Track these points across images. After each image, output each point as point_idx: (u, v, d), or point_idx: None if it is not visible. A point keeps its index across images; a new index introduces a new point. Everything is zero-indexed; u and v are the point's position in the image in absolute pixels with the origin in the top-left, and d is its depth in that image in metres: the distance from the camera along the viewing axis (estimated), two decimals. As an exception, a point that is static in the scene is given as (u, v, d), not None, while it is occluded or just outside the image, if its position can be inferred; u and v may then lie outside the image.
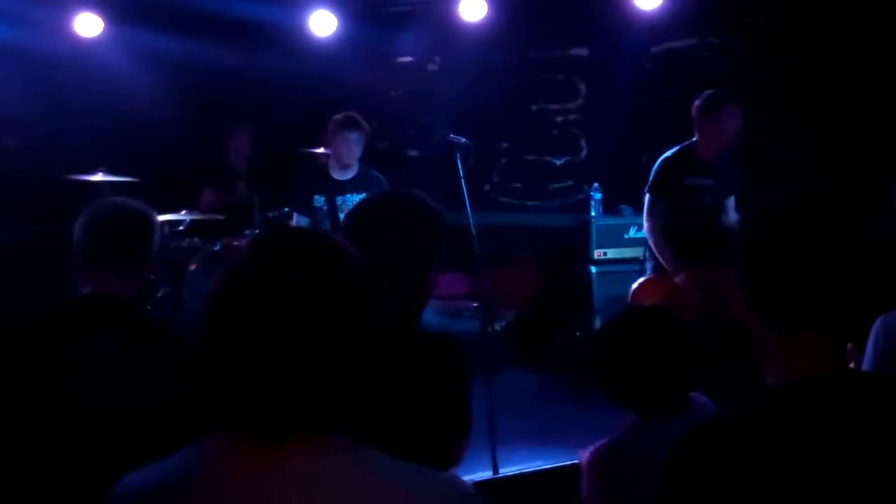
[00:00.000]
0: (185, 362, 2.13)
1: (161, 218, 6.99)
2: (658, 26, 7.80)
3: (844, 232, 1.75)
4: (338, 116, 6.50)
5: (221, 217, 7.23)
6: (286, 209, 6.95)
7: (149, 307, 6.96)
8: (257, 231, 6.90)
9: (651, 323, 2.67)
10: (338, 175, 6.65)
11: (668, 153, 6.02)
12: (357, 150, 6.52)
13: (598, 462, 2.66)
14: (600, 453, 2.66)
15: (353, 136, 6.47)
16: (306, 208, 6.61)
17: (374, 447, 1.54)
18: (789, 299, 1.73)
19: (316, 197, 6.57)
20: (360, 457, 1.52)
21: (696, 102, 5.92)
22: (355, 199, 6.39)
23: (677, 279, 5.84)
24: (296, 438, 1.47)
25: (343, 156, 6.52)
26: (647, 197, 6.02)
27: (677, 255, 5.89)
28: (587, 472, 2.68)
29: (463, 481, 1.62)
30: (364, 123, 6.54)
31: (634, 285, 6.15)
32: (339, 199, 6.53)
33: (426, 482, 1.54)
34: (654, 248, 6.02)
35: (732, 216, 6.10)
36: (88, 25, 7.30)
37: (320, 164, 6.72)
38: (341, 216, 6.34)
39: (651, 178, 6.02)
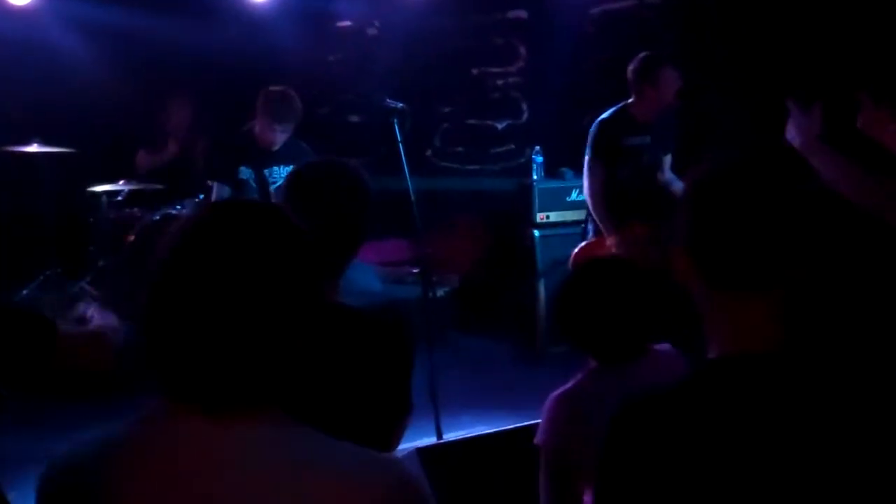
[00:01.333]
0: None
1: (99, 188, 6.97)
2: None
3: (784, 193, 1.76)
4: (268, 100, 6.10)
5: (160, 186, 7.17)
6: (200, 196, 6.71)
7: (88, 279, 6.92)
8: (197, 199, 6.81)
9: (611, 272, 2.78)
10: (265, 146, 6.29)
11: (604, 115, 6.06)
12: (284, 138, 6.18)
13: (556, 408, 2.71)
14: (558, 399, 2.72)
15: (286, 129, 6.14)
16: (230, 179, 6.24)
17: (312, 426, 1.54)
18: (729, 259, 1.73)
19: (242, 168, 6.23)
20: (297, 433, 1.52)
21: (633, 65, 5.97)
22: (283, 171, 6.18)
23: (608, 241, 5.90)
24: (235, 410, 1.47)
25: (269, 142, 6.17)
26: (585, 159, 6.06)
27: (613, 215, 5.95)
28: (545, 418, 2.73)
29: (403, 465, 1.62)
30: (295, 109, 6.14)
31: (576, 249, 6.19)
32: (266, 172, 6.27)
33: (363, 463, 1.53)
34: (591, 210, 6.07)
35: (668, 174, 6.18)
36: (19, -6, 7.17)
37: (245, 132, 6.31)
38: (271, 188, 6.23)
39: (589, 141, 6.06)
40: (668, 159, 6.22)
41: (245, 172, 6.24)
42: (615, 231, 5.91)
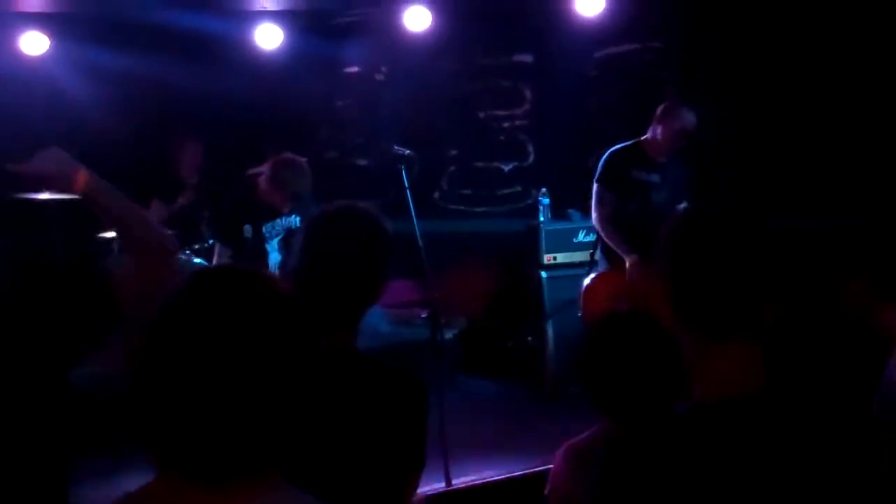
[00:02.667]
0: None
1: (109, 234, 7.01)
2: (601, 32, 7.87)
3: (756, 241, 1.81)
4: (279, 169, 6.09)
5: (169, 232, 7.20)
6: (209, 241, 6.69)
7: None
8: (208, 245, 6.84)
9: (634, 330, 2.67)
10: (269, 207, 6.29)
11: (616, 146, 6.20)
12: (285, 205, 6.20)
13: (566, 460, 2.71)
14: (568, 451, 2.72)
15: (290, 196, 6.13)
16: (232, 240, 6.28)
17: (323, 484, 1.55)
18: (708, 308, 1.78)
19: (246, 227, 6.25)
20: (298, 501, 1.53)
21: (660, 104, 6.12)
22: (285, 221, 6.27)
23: (629, 261, 5.94)
24: (234, 481, 1.47)
25: (279, 205, 6.18)
26: (595, 187, 6.15)
27: (626, 238, 6.03)
28: (554, 469, 2.73)
29: None
30: (306, 178, 6.11)
31: (586, 281, 6.23)
32: (268, 225, 6.27)
33: None
34: (603, 236, 6.13)
35: None
36: (34, 44, 7.27)
37: (249, 189, 6.30)
38: (269, 244, 6.27)
39: (599, 169, 6.19)
40: (684, 206, 6.22)
41: (247, 230, 6.25)
42: (632, 252, 5.96)
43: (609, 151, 6.20)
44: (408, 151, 5.67)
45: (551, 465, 2.77)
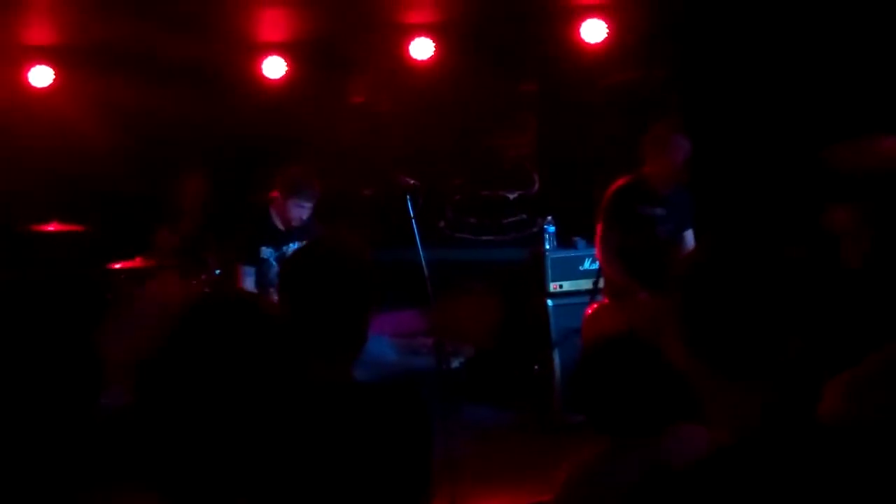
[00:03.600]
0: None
1: (117, 265, 7.04)
2: (605, 60, 7.90)
3: (771, 276, 1.74)
4: (289, 178, 6.32)
5: (175, 263, 7.22)
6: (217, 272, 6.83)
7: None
8: (216, 275, 6.87)
9: (626, 348, 2.74)
10: (281, 225, 6.49)
11: (619, 183, 6.11)
12: (304, 214, 6.38)
13: (570, 485, 2.70)
14: (572, 476, 2.71)
15: (307, 205, 6.33)
16: (252, 259, 6.43)
17: None
18: (723, 347, 1.72)
19: (263, 248, 6.42)
20: None
21: (647, 134, 6.02)
22: (298, 245, 6.31)
23: (640, 297, 5.88)
24: None
25: (292, 220, 6.36)
26: (600, 227, 6.11)
27: (635, 275, 5.97)
28: (559, 493, 2.72)
29: None
30: (315, 185, 6.36)
31: (588, 310, 6.22)
32: (285, 248, 6.42)
33: None
34: (610, 274, 6.08)
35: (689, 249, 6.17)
36: (41, 77, 7.33)
37: (262, 213, 6.50)
38: None
39: (604, 209, 6.11)
40: (689, 234, 6.25)
41: (266, 252, 6.39)
42: (641, 288, 5.90)
43: (613, 189, 6.12)
44: (412, 181, 5.69)
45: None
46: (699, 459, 1.74)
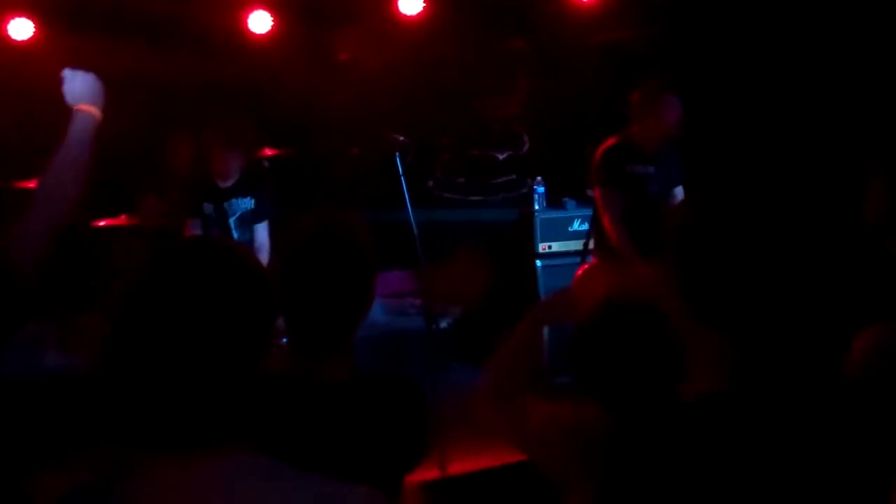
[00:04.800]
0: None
1: (101, 223, 6.97)
2: (596, 18, 7.83)
3: (763, 230, 1.76)
4: (219, 129, 6.28)
5: (161, 222, 7.16)
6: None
7: (90, 313, 6.89)
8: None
9: (631, 317, 2.60)
10: (221, 182, 6.40)
11: (608, 144, 6.03)
12: (236, 167, 6.31)
13: (553, 433, 2.65)
14: (554, 425, 2.66)
15: (233, 156, 6.28)
16: (197, 213, 6.39)
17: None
18: (719, 301, 1.74)
19: (205, 204, 6.36)
20: (269, 470, 1.51)
21: (634, 94, 5.95)
22: (241, 202, 6.39)
23: (641, 269, 5.81)
24: (207, 454, 1.47)
25: (224, 173, 6.32)
26: (600, 191, 6.01)
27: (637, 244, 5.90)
28: (538, 431, 2.68)
29: (380, 496, 1.62)
30: (246, 135, 6.33)
31: (579, 271, 6.16)
32: (225, 205, 6.37)
33: (338, 496, 1.53)
34: (614, 240, 5.95)
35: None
36: (20, 29, 7.21)
37: (203, 169, 6.44)
38: (231, 220, 6.36)
39: (597, 171, 6.01)
40: (679, 190, 6.20)
41: (207, 208, 6.36)
42: (643, 261, 5.78)
43: (601, 151, 6.02)
44: (402, 138, 5.62)
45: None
46: (682, 407, 1.78)
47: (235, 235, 6.37)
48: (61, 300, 7.10)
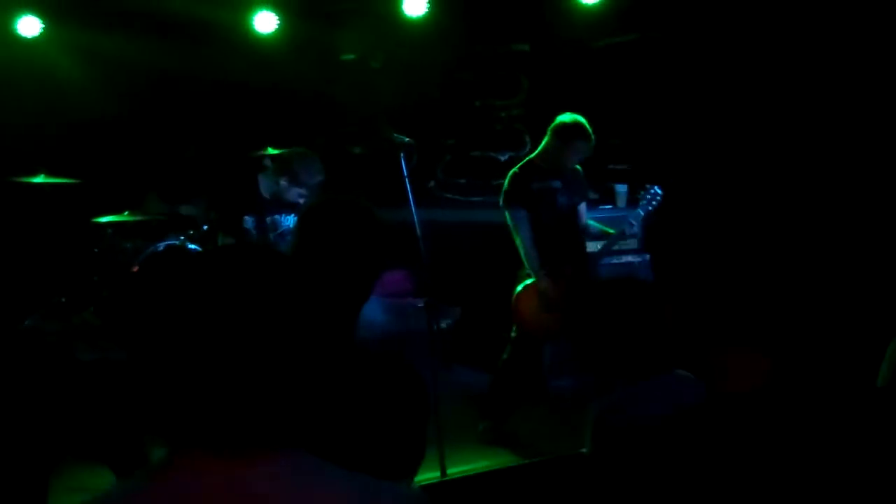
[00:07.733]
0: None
1: (104, 219, 6.98)
2: (599, 21, 7.86)
3: (762, 245, 1.82)
4: (301, 166, 6.28)
5: (163, 218, 7.17)
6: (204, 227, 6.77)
7: (92, 309, 6.90)
8: (204, 230, 6.81)
9: (627, 297, 2.79)
10: (266, 194, 6.42)
11: (513, 169, 6.24)
12: (303, 201, 6.30)
13: (599, 422, 2.78)
14: (599, 415, 2.80)
15: (305, 192, 6.28)
16: (234, 229, 6.37)
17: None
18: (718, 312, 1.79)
19: (246, 218, 6.34)
20: (320, 472, 1.52)
21: (557, 125, 6.17)
22: (282, 218, 6.37)
23: (541, 284, 6.08)
24: (254, 454, 1.46)
25: (284, 200, 6.33)
26: (507, 212, 6.19)
27: (543, 259, 6.12)
28: (592, 432, 2.80)
29: (423, 495, 1.63)
30: (321, 171, 6.33)
31: (519, 289, 6.21)
32: (268, 219, 6.35)
33: (384, 496, 1.54)
34: (524, 258, 6.15)
35: (584, 220, 6.46)
36: (29, 27, 7.24)
37: (248, 179, 6.44)
38: (271, 236, 6.32)
39: (504, 194, 6.20)
40: (583, 207, 6.45)
41: (248, 221, 6.32)
42: (546, 276, 6.09)
43: (508, 175, 6.21)
44: (407, 139, 5.64)
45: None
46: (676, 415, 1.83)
47: None
48: (64, 296, 7.13)
